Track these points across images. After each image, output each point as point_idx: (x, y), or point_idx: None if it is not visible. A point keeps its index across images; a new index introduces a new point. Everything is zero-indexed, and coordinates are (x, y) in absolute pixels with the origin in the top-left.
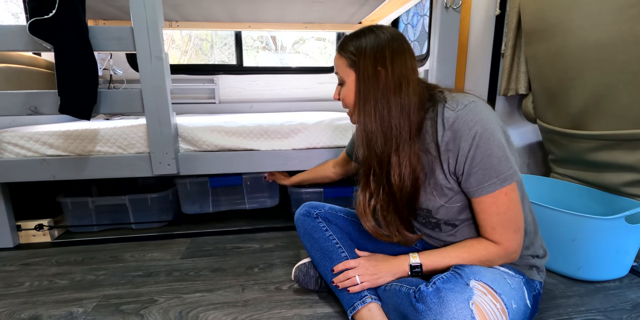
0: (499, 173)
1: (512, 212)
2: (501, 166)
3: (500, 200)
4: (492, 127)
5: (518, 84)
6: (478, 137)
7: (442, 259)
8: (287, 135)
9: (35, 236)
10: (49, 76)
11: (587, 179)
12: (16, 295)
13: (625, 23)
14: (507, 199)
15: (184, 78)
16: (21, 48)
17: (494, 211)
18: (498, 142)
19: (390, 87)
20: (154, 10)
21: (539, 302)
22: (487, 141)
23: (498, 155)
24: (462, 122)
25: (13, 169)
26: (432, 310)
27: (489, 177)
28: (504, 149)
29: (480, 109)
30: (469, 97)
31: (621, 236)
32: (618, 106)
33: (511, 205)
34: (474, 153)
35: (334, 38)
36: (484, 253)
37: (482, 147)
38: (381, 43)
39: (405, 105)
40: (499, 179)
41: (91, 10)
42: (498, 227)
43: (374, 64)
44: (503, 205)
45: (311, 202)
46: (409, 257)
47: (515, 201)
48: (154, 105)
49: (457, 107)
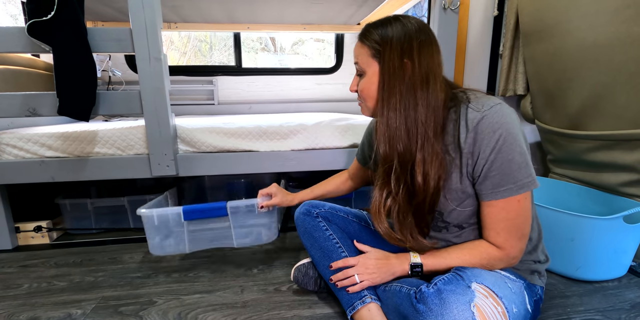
0: (517, 179)
1: (520, 219)
2: (520, 172)
3: (512, 206)
4: (515, 131)
5: (516, 84)
6: (502, 140)
7: (443, 259)
8: (286, 136)
9: (34, 238)
10: (47, 78)
11: (586, 179)
12: (15, 297)
13: (622, 24)
14: (518, 206)
15: (183, 79)
16: (20, 50)
17: (503, 216)
18: (520, 148)
19: (417, 80)
20: (153, 11)
21: (540, 307)
22: (510, 146)
23: (519, 161)
24: (486, 124)
25: (12, 171)
26: (433, 311)
27: (505, 182)
28: (525, 156)
29: (505, 112)
30: (494, 99)
31: (619, 236)
32: (616, 106)
33: (521, 213)
34: (495, 157)
35: (332, 39)
36: (485, 256)
37: (504, 151)
38: (409, 33)
39: (432, 101)
40: (516, 186)
41: (90, 12)
42: (503, 232)
43: (400, 55)
44: (513, 211)
45: (311, 201)
46: (409, 256)
47: (527, 209)
48: (152, 106)
49: (483, 108)
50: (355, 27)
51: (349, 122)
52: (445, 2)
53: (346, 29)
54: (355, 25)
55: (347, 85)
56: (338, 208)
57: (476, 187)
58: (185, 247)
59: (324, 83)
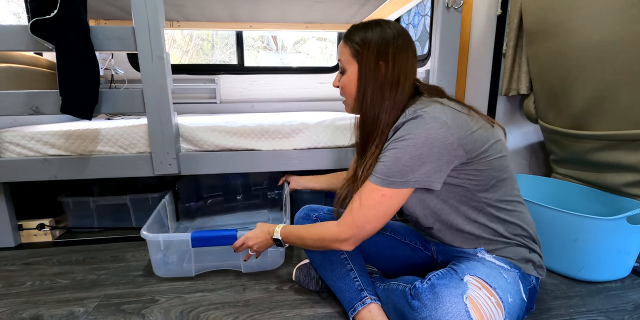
0: (390, 175)
1: (372, 211)
2: (399, 172)
3: (374, 195)
4: (421, 141)
5: (519, 84)
6: (401, 140)
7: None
8: (288, 135)
9: (36, 236)
10: (50, 76)
11: (589, 179)
12: (17, 294)
13: (626, 23)
14: (379, 199)
15: (185, 78)
16: (23, 48)
17: (362, 198)
18: (417, 154)
19: (388, 81)
20: (155, 10)
21: (535, 297)
22: (405, 148)
23: (405, 163)
24: (401, 129)
25: (14, 169)
26: (426, 306)
27: (383, 173)
28: (417, 162)
29: (424, 121)
30: (427, 108)
31: (623, 237)
32: (619, 106)
33: (377, 206)
34: (389, 147)
35: (335, 38)
36: (322, 229)
37: (398, 148)
38: (386, 38)
39: (397, 102)
40: (388, 181)
41: (92, 10)
42: (354, 211)
43: (376, 57)
44: (372, 200)
45: (310, 205)
46: (273, 231)
47: (384, 207)
48: (155, 105)
49: (408, 115)
50: None
51: (350, 122)
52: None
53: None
54: None
55: None
56: None
57: None
58: (191, 270)
59: (326, 82)
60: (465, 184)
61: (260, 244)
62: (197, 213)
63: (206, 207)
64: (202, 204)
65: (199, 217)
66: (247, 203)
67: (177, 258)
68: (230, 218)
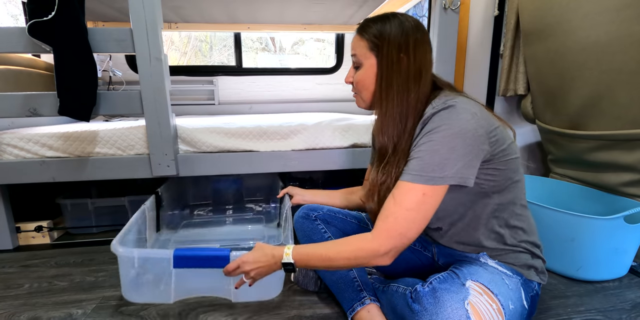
0: (430, 171)
1: (412, 214)
2: (438, 167)
3: (414, 196)
4: (457, 131)
5: (517, 84)
6: (435, 131)
7: (313, 248)
8: (286, 136)
9: (34, 238)
10: (48, 78)
11: (586, 179)
12: (15, 297)
13: (623, 23)
14: (421, 199)
15: (184, 79)
16: (20, 50)
17: (401, 202)
18: (453, 146)
19: (411, 74)
20: (153, 11)
21: (536, 303)
22: (442, 138)
23: (443, 155)
24: (433, 120)
25: (12, 171)
26: (427, 310)
27: (420, 169)
28: (455, 155)
29: (456, 111)
30: (457, 98)
31: (620, 236)
32: (616, 106)
33: (418, 208)
34: (424, 141)
35: (333, 39)
36: (353, 247)
37: (434, 139)
38: (406, 30)
39: (420, 95)
40: (428, 176)
41: (90, 12)
42: (390, 219)
43: (397, 50)
44: (413, 202)
45: (309, 204)
46: (282, 254)
47: (427, 207)
48: (153, 106)
49: (437, 106)
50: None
51: (349, 122)
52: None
53: (346, 29)
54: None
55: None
56: (336, 210)
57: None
58: (170, 296)
59: (325, 83)
60: (483, 183)
61: (260, 270)
62: (181, 223)
63: (191, 216)
64: (187, 213)
65: (182, 228)
66: (239, 216)
67: (153, 278)
68: (219, 232)
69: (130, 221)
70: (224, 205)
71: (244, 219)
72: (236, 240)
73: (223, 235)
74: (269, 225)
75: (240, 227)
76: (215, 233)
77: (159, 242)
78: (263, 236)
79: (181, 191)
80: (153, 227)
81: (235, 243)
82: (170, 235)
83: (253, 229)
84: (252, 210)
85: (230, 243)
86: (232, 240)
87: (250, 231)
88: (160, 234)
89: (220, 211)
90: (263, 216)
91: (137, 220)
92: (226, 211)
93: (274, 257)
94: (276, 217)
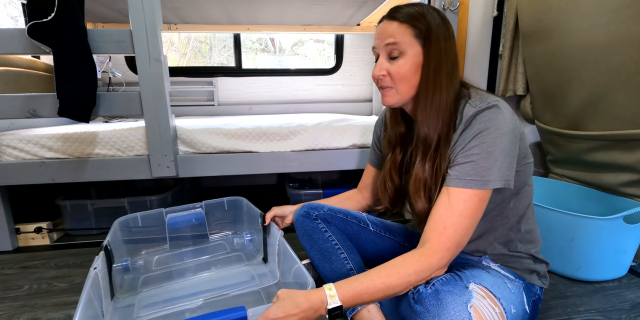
0: (485, 175)
1: (471, 221)
2: (494, 169)
3: (472, 202)
4: (505, 131)
5: (516, 85)
6: (487, 132)
7: (363, 283)
8: (286, 137)
9: (34, 239)
10: (48, 79)
11: (586, 179)
12: (15, 298)
13: (622, 24)
14: (478, 205)
15: (183, 80)
16: (20, 51)
17: (458, 211)
18: (504, 146)
19: (453, 63)
20: (153, 13)
21: (538, 308)
22: (494, 139)
23: (497, 158)
24: (478, 118)
25: (12, 172)
26: (430, 312)
27: (475, 173)
28: (506, 157)
29: (501, 111)
30: (493, 98)
31: (619, 236)
32: (615, 106)
33: (476, 215)
34: (475, 143)
35: (332, 40)
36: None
37: (486, 142)
38: (444, 19)
39: (458, 86)
40: (484, 180)
41: (90, 13)
42: (450, 229)
43: (444, 38)
44: (470, 209)
45: (310, 202)
46: (325, 298)
47: (480, 212)
48: (153, 107)
49: (479, 105)
50: (354, 28)
51: (348, 123)
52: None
53: (346, 29)
54: (355, 26)
55: (347, 86)
56: (337, 209)
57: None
58: None
59: (324, 84)
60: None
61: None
62: (139, 280)
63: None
64: (142, 265)
65: (142, 286)
66: (211, 257)
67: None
68: (195, 283)
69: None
70: (185, 246)
71: (217, 259)
72: (222, 288)
73: (202, 286)
74: (253, 262)
75: (218, 271)
76: (190, 285)
77: (117, 311)
78: (252, 277)
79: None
80: (107, 295)
81: (223, 293)
82: (132, 299)
83: (235, 271)
84: (224, 248)
85: (216, 294)
86: (216, 290)
87: (233, 275)
88: (117, 300)
89: (181, 255)
90: (241, 253)
91: (89, 293)
92: (191, 254)
93: (312, 304)
94: (257, 251)
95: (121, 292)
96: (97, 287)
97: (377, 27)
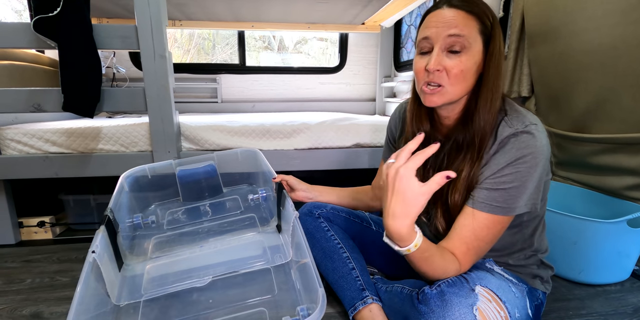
0: (512, 202)
1: (488, 245)
2: (522, 199)
3: (496, 228)
4: (539, 160)
5: (521, 86)
6: (523, 161)
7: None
8: (289, 135)
9: (37, 233)
10: (52, 74)
11: (590, 182)
12: (17, 291)
13: (629, 26)
14: (500, 229)
15: (187, 77)
16: (25, 45)
17: (482, 235)
18: (535, 176)
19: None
20: (158, 9)
21: (541, 313)
22: (528, 169)
23: (526, 188)
24: (514, 144)
25: (15, 166)
26: (434, 312)
27: (503, 201)
28: (533, 185)
29: (539, 136)
30: (530, 117)
31: (623, 240)
32: (621, 109)
33: (493, 238)
34: (509, 172)
35: (336, 38)
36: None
37: (521, 171)
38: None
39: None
40: (510, 208)
41: (95, 9)
42: (472, 251)
43: (501, 38)
44: (492, 234)
45: (314, 202)
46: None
47: (499, 234)
48: (157, 103)
49: (516, 126)
50: (359, 27)
51: (352, 122)
52: None
53: (351, 28)
54: (359, 24)
55: (351, 85)
56: (340, 209)
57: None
58: None
59: (328, 82)
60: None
61: None
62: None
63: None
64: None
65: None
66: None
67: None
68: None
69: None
70: (198, 201)
71: (230, 221)
72: (232, 262)
73: (212, 259)
74: (266, 229)
75: (230, 240)
76: (200, 255)
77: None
78: (264, 250)
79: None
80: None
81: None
82: (142, 267)
83: (247, 241)
84: (237, 205)
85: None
86: (226, 264)
87: (245, 246)
88: (126, 268)
89: (195, 213)
90: (254, 214)
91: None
92: (204, 212)
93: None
94: (271, 214)
95: (131, 257)
96: (97, 269)
97: (432, 15)
